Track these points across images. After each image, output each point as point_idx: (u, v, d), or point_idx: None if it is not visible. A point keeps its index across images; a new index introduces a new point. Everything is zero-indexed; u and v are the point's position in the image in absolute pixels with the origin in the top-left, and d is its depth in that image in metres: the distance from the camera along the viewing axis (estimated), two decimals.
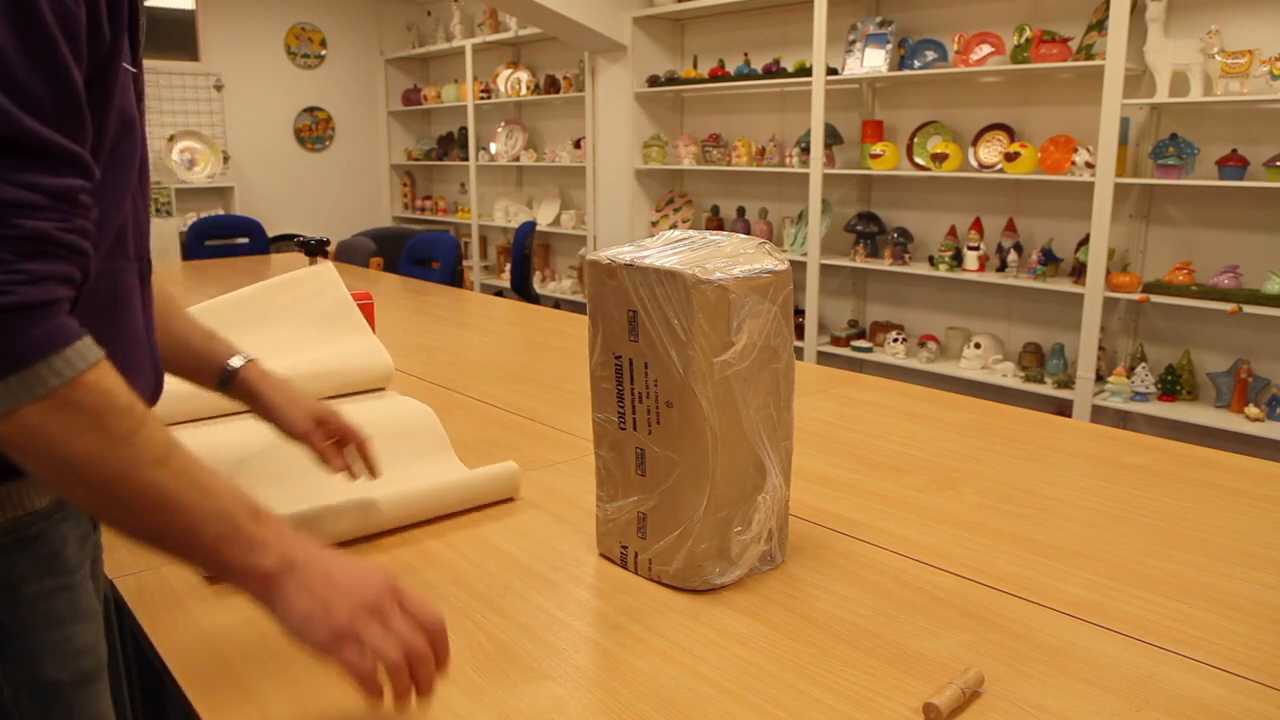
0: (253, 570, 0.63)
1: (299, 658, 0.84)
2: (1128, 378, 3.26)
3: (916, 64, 3.79)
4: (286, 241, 5.07)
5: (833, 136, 4.16)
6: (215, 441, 1.16)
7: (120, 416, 0.59)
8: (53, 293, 0.57)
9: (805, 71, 4.05)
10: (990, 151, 3.69)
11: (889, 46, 3.84)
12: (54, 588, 0.66)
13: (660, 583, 0.98)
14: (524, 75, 5.80)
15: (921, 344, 3.93)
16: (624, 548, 1.01)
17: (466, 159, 6.32)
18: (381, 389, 1.53)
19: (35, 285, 0.56)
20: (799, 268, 4.30)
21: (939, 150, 3.69)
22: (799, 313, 4.29)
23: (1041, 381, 3.50)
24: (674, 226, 4.88)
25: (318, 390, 1.43)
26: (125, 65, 0.66)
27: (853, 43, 3.96)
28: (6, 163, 0.56)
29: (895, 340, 3.96)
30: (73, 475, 0.58)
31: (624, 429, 0.98)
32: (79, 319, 0.60)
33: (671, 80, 4.72)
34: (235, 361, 0.98)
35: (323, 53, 6.63)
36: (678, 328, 0.89)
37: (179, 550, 0.63)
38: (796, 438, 1.02)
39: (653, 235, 1.02)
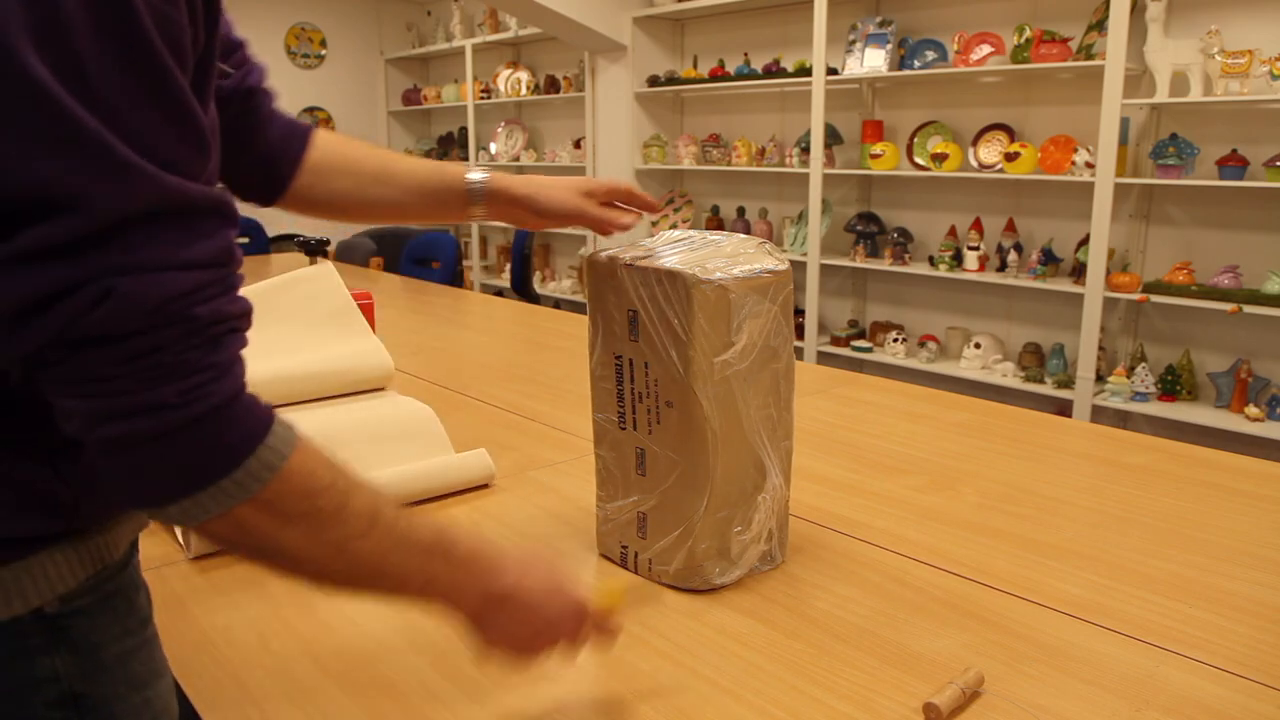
0: (457, 612, 0.66)
1: (299, 658, 0.84)
2: (1128, 378, 3.26)
3: (916, 64, 3.79)
4: (286, 241, 5.07)
5: (833, 136, 4.16)
6: None
7: (326, 496, 0.57)
8: (239, 376, 0.53)
9: (805, 71, 4.05)
10: (990, 151, 3.69)
11: (889, 46, 3.84)
12: (133, 647, 0.61)
13: (660, 583, 0.98)
14: (524, 75, 5.80)
15: (921, 344, 3.93)
16: (624, 548, 1.01)
17: (466, 159, 6.32)
18: (381, 389, 1.53)
19: (225, 377, 0.52)
20: (799, 268, 4.30)
21: (939, 150, 3.69)
22: (799, 313, 4.29)
23: (1041, 381, 3.50)
24: (674, 226, 4.88)
25: (318, 390, 1.43)
26: (218, 65, 0.59)
27: (853, 43, 3.96)
28: (161, 239, 0.49)
29: (895, 340, 3.96)
30: (287, 561, 0.57)
31: (624, 429, 0.98)
32: None
33: (671, 80, 4.72)
34: (475, 175, 0.96)
35: (323, 53, 6.64)
36: (678, 327, 0.89)
37: (385, 598, 0.64)
38: (796, 438, 1.02)
39: (653, 235, 1.02)
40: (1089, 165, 3.24)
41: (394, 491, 1.14)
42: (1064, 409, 3.34)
